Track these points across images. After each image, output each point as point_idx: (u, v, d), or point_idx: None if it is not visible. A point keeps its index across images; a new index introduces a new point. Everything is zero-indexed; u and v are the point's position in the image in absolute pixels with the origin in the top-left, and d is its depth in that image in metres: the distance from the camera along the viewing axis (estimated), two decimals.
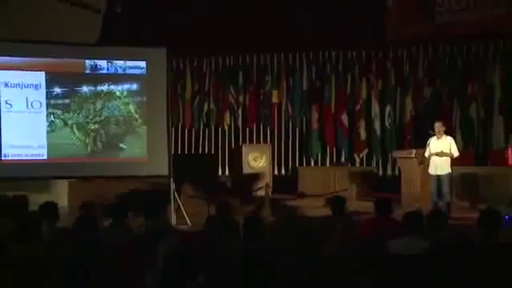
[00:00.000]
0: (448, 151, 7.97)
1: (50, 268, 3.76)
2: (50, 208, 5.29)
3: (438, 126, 8.10)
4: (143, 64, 8.53)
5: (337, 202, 5.78)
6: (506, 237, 4.40)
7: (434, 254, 3.75)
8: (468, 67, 11.32)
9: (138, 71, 8.52)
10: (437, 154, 7.96)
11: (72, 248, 4.20)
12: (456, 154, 8.02)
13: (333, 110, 12.15)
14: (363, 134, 11.95)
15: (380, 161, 11.96)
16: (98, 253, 3.72)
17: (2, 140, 8.04)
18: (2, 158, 8.06)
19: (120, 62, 8.44)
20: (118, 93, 8.47)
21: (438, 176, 7.99)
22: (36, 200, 5.97)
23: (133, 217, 6.00)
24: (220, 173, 12.71)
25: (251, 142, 12.50)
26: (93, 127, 8.39)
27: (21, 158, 8.13)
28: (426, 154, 8.13)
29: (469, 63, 11.34)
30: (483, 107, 11.19)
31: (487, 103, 11.17)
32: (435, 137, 8.07)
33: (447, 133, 8.28)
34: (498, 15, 10.48)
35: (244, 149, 11.34)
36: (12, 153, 8.10)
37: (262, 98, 12.51)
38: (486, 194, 8.98)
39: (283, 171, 12.49)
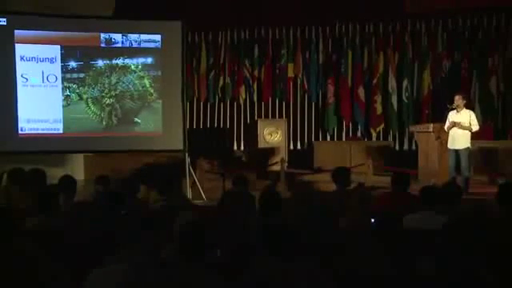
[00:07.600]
0: (467, 124, 7.84)
1: (71, 241, 3.78)
2: (68, 182, 5.32)
3: (457, 99, 7.96)
4: (158, 37, 8.47)
5: (340, 173, 5.55)
6: None
7: (450, 228, 3.71)
8: (488, 40, 11.10)
9: (152, 45, 8.46)
10: (455, 125, 7.82)
11: (95, 221, 4.22)
12: (475, 128, 7.84)
13: (349, 83, 12.02)
14: (380, 108, 11.83)
15: (397, 135, 11.87)
16: (118, 226, 3.72)
17: (19, 114, 8.08)
18: (19, 132, 8.11)
19: (135, 36, 8.39)
20: (132, 66, 8.44)
21: (456, 150, 7.88)
22: (52, 174, 5.99)
23: (148, 191, 6.03)
24: (235, 147, 12.70)
25: (266, 116, 12.42)
26: (108, 101, 8.39)
27: (37, 132, 8.17)
28: (446, 127, 8.01)
29: (489, 36, 11.11)
30: (503, 81, 11.02)
31: (507, 77, 10.99)
32: (455, 110, 7.94)
33: (466, 107, 8.12)
34: None
35: (259, 123, 11.29)
36: (28, 127, 8.13)
37: (277, 71, 12.38)
38: (505, 168, 8.88)
39: (299, 146, 12.44)
